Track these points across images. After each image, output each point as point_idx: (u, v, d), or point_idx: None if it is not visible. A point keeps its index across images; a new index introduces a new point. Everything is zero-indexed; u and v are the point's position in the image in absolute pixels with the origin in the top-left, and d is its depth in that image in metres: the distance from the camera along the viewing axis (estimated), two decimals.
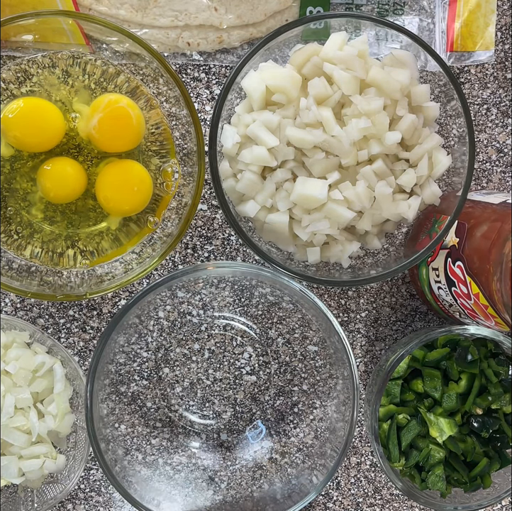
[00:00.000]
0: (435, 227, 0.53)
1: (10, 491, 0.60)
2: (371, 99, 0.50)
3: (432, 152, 0.53)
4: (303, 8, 0.59)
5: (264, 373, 0.63)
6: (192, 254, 0.61)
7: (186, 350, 0.62)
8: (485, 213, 0.52)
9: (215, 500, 0.59)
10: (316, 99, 0.51)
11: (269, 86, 0.51)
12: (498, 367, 0.57)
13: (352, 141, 0.51)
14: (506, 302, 0.46)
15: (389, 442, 0.57)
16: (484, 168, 0.63)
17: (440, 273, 0.55)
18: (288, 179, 0.53)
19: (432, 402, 0.57)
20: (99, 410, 0.55)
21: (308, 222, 0.52)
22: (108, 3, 0.57)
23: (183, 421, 0.62)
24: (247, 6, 0.58)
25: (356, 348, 0.64)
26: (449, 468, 0.57)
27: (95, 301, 0.61)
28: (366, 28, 0.53)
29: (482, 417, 0.57)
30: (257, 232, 0.55)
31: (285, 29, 0.50)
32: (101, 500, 0.63)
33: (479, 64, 0.62)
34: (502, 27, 0.62)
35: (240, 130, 0.52)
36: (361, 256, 0.57)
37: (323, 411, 0.60)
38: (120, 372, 0.60)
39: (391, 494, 0.65)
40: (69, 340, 0.62)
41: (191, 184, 0.54)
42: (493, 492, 0.58)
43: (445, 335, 0.56)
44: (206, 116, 0.61)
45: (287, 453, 0.61)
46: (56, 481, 0.60)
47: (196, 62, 0.60)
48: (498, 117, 0.62)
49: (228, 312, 0.62)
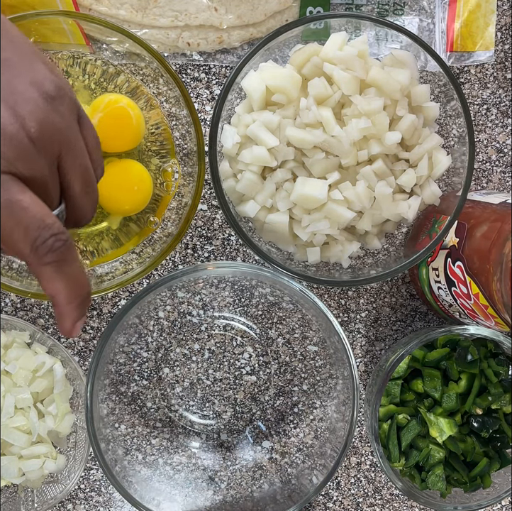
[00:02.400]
0: (435, 227, 0.53)
1: (10, 491, 0.60)
2: (371, 99, 0.50)
3: (432, 153, 0.53)
4: (303, 8, 0.59)
5: (264, 373, 0.63)
6: (192, 254, 0.61)
7: (186, 350, 0.62)
8: (485, 213, 0.52)
9: (215, 500, 0.59)
10: (316, 99, 0.51)
11: (269, 86, 0.51)
12: (498, 367, 0.57)
13: (352, 141, 0.51)
14: (506, 302, 0.46)
15: (389, 442, 0.57)
16: (484, 168, 0.63)
17: (440, 273, 0.55)
18: (288, 179, 0.53)
19: (432, 402, 0.57)
20: (99, 410, 0.55)
21: (308, 222, 0.52)
22: (108, 3, 0.57)
23: (183, 421, 0.62)
24: (247, 6, 0.58)
25: (356, 348, 0.64)
26: (449, 468, 0.57)
27: (95, 301, 0.61)
28: (366, 28, 0.53)
29: (482, 417, 0.57)
30: (257, 232, 0.55)
31: (285, 29, 0.50)
32: (101, 500, 0.63)
33: (479, 65, 0.62)
34: (502, 27, 0.62)
35: (240, 130, 0.52)
36: (361, 256, 0.57)
37: (323, 412, 0.60)
38: (120, 372, 0.60)
39: (391, 494, 0.65)
40: (69, 340, 0.62)
41: (191, 184, 0.54)
42: (493, 492, 0.57)
43: (445, 335, 0.56)
44: (206, 116, 0.61)
45: (287, 453, 0.61)
46: (56, 481, 0.60)
47: (196, 62, 0.60)
48: (498, 117, 0.62)
49: (228, 312, 0.62)
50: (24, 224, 0.32)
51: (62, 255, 0.33)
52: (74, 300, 0.35)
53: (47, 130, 0.32)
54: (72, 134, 0.34)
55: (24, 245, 0.32)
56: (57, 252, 0.33)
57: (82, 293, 0.36)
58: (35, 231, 0.32)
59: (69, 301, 0.35)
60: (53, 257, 0.33)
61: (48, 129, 0.32)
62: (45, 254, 0.33)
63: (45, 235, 0.32)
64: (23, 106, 0.31)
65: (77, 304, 0.36)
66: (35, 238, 0.32)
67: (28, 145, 0.31)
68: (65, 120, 0.33)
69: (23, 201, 0.31)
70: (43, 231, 0.32)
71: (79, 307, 0.36)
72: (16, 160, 0.31)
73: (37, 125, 0.32)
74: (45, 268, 0.33)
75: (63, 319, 0.36)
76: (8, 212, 0.31)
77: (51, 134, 0.32)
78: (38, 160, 0.32)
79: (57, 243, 0.33)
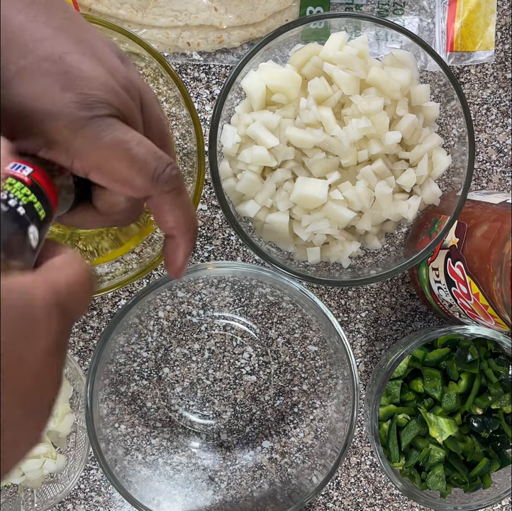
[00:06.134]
0: (435, 227, 0.53)
1: (10, 491, 0.60)
2: (371, 99, 0.50)
3: (432, 152, 0.53)
4: (303, 8, 0.59)
5: (264, 373, 0.63)
6: (192, 254, 0.61)
7: (186, 350, 0.62)
8: (485, 213, 0.52)
9: (215, 500, 0.59)
10: (316, 99, 0.51)
11: (269, 86, 0.51)
12: (498, 367, 0.57)
13: (352, 141, 0.51)
14: (506, 302, 0.46)
15: (389, 442, 0.57)
16: (484, 168, 0.63)
17: (440, 273, 0.55)
18: (288, 179, 0.53)
19: (432, 402, 0.57)
20: (99, 410, 0.55)
21: (308, 222, 0.52)
22: (108, 3, 0.57)
23: (183, 421, 0.62)
24: (247, 6, 0.58)
25: (356, 348, 0.64)
26: (449, 468, 0.57)
27: (95, 301, 0.61)
28: (366, 28, 0.53)
29: (482, 417, 0.57)
30: (257, 232, 0.55)
31: (285, 29, 0.50)
32: (101, 500, 0.63)
33: (479, 64, 0.62)
34: (502, 27, 0.62)
35: (240, 130, 0.52)
36: (361, 256, 0.57)
37: (323, 411, 0.60)
38: (120, 372, 0.60)
39: (391, 494, 0.65)
40: (69, 340, 0.62)
41: (191, 184, 0.54)
42: (493, 492, 0.58)
43: (445, 335, 0.56)
44: (206, 116, 0.61)
45: (287, 453, 0.61)
46: (56, 481, 0.60)
47: (196, 62, 0.60)
48: (498, 117, 0.62)
49: (228, 312, 0.62)
50: (142, 158, 0.33)
51: (179, 182, 0.35)
52: (191, 229, 0.37)
53: (131, 82, 0.35)
54: (145, 87, 0.36)
55: (145, 179, 0.34)
56: (175, 179, 0.35)
57: (195, 223, 0.37)
58: (154, 163, 0.34)
59: (187, 230, 0.37)
60: (173, 185, 0.35)
61: (131, 81, 0.35)
62: (166, 182, 0.34)
63: (163, 165, 0.34)
64: (109, 63, 0.34)
65: (192, 234, 0.37)
66: (154, 169, 0.34)
67: (123, 93, 0.34)
68: (137, 76, 0.36)
69: (135, 137, 0.33)
70: (160, 160, 0.34)
71: (193, 239, 0.37)
72: (119, 105, 0.33)
73: (124, 78, 0.34)
74: (166, 197, 0.35)
75: (178, 252, 0.37)
76: (124, 150, 0.33)
77: (133, 86, 0.35)
78: (132, 105, 0.34)
79: (174, 171, 0.34)
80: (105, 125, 0.32)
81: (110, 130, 0.32)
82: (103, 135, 0.32)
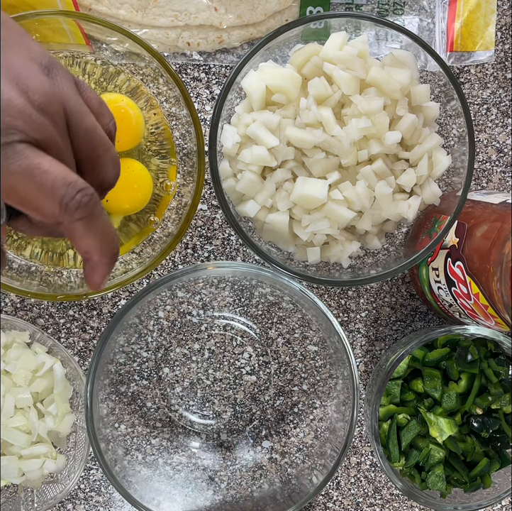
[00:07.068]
0: (435, 227, 0.53)
1: (10, 491, 0.60)
2: (371, 99, 0.50)
3: (432, 152, 0.53)
4: (303, 8, 0.59)
5: (264, 373, 0.63)
6: (192, 254, 0.61)
7: (186, 350, 0.62)
8: (485, 213, 0.52)
9: (215, 500, 0.59)
10: (316, 99, 0.51)
11: (269, 86, 0.51)
12: (498, 367, 0.57)
13: (352, 141, 0.51)
14: (506, 302, 0.46)
15: (389, 442, 0.57)
16: (484, 168, 0.63)
17: (440, 273, 0.55)
18: (288, 179, 0.53)
19: (432, 402, 0.57)
20: (99, 410, 0.55)
21: (308, 222, 0.52)
22: (108, 3, 0.57)
23: (183, 421, 0.62)
24: (247, 6, 0.58)
25: (356, 348, 0.64)
26: (449, 468, 0.57)
27: (95, 301, 0.61)
28: (366, 28, 0.53)
29: (482, 417, 0.57)
30: (257, 232, 0.55)
31: (285, 29, 0.50)
32: (101, 500, 0.63)
33: (479, 64, 0.62)
34: (502, 27, 0.62)
35: (240, 130, 0.52)
36: (361, 256, 0.57)
37: (323, 411, 0.60)
38: (120, 372, 0.60)
39: (391, 494, 0.65)
40: (69, 340, 0.62)
41: (191, 184, 0.54)
42: (493, 492, 0.58)
43: (445, 335, 0.56)
44: (206, 116, 0.61)
45: (287, 453, 0.61)
46: (56, 481, 0.60)
47: (196, 62, 0.60)
48: (498, 117, 0.62)
49: (228, 312, 0.62)
50: (49, 185, 0.33)
51: (91, 209, 0.34)
52: (106, 254, 0.36)
53: (50, 98, 0.34)
54: (73, 98, 0.35)
55: (53, 206, 0.33)
56: (86, 207, 0.34)
57: (113, 247, 0.37)
58: (61, 189, 0.33)
59: (102, 255, 0.36)
60: (83, 213, 0.34)
61: (51, 97, 0.34)
62: (75, 210, 0.34)
63: (72, 192, 0.33)
64: (25, 81, 0.33)
65: (109, 259, 0.37)
66: (62, 196, 0.33)
67: (36, 115, 0.33)
68: (64, 87, 0.35)
69: (42, 164, 0.33)
70: (69, 187, 0.33)
71: (111, 261, 0.37)
72: (28, 129, 0.32)
73: (41, 96, 0.33)
74: (76, 225, 0.34)
75: (94, 274, 0.37)
76: (30, 177, 0.32)
77: (54, 101, 0.34)
78: (48, 126, 0.33)
79: (85, 197, 0.34)
80: (12, 152, 0.32)
81: (18, 158, 0.32)
82: (9, 163, 0.32)
